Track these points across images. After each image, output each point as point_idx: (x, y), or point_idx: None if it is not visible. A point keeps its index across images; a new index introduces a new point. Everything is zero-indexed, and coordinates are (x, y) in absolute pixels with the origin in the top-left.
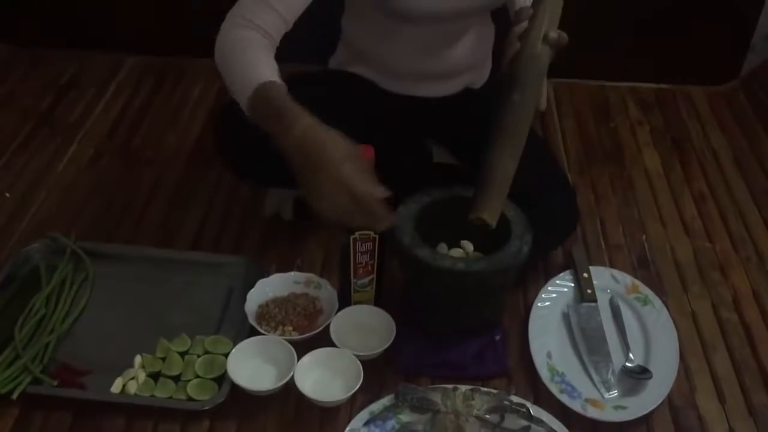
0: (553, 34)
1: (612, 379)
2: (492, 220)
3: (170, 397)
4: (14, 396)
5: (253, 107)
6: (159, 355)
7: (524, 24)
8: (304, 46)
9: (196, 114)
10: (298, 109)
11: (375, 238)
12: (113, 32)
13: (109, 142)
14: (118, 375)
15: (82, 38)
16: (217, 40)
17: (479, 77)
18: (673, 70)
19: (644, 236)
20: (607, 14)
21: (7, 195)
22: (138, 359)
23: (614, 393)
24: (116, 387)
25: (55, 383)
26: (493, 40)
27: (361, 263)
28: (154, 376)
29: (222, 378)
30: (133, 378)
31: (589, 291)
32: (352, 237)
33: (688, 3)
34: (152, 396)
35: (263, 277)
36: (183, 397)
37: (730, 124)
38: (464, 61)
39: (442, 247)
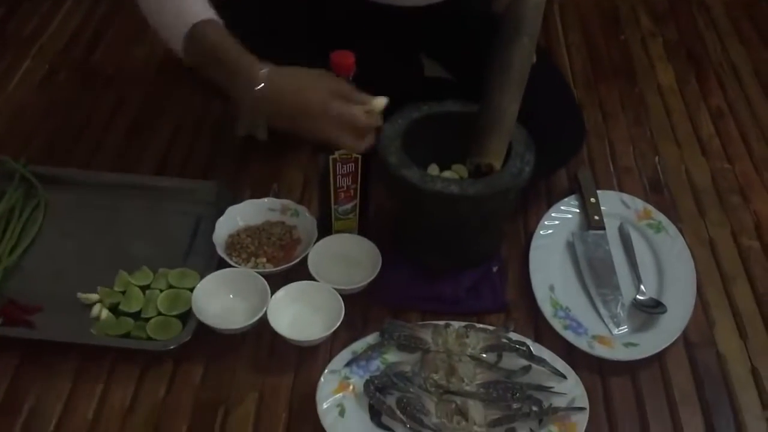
0: None
1: (622, 314)
2: (499, 164)
3: (128, 334)
4: None
5: (190, 53)
6: (118, 288)
7: None
8: None
9: None
10: (245, 55)
11: (357, 158)
12: None
13: (66, 57)
14: (71, 312)
15: None
16: None
17: None
18: None
19: (657, 157)
20: None
21: None
22: (95, 294)
23: (624, 329)
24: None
25: (0, 321)
26: None
27: (343, 187)
28: (112, 310)
29: (187, 315)
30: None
31: (596, 217)
32: (331, 157)
33: None
34: (108, 335)
35: (235, 204)
36: (143, 336)
37: (750, 35)
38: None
39: (434, 169)
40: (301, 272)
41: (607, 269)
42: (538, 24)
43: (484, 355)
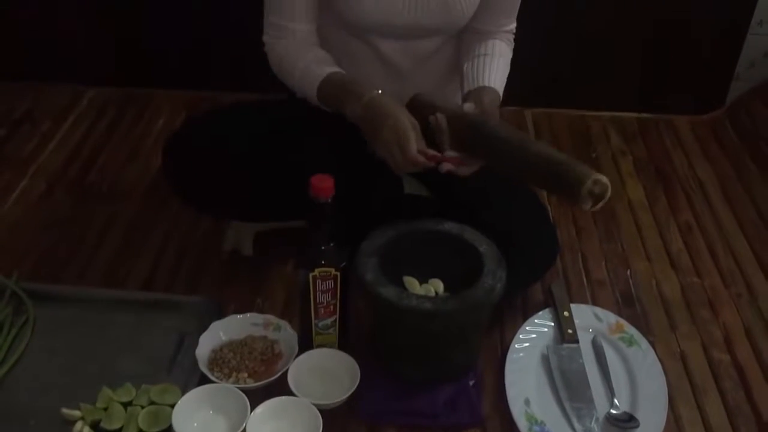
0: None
1: (596, 428)
2: (594, 177)
3: None
4: None
5: (322, 99)
6: (100, 405)
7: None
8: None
9: (158, 147)
10: (362, 85)
11: (336, 275)
12: (74, 63)
13: (63, 176)
14: (54, 429)
15: (40, 70)
16: (270, 64)
17: None
18: (656, 100)
19: (629, 271)
20: (588, 42)
21: None
22: (78, 411)
23: None
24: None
25: None
26: None
27: (323, 303)
28: (94, 428)
29: None
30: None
31: (569, 331)
32: (311, 275)
33: (670, 32)
34: None
35: (219, 319)
36: None
37: (716, 153)
38: (435, 86)
39: (412, 282)
40: (281, 386)
41: (581, 382)
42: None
43: None
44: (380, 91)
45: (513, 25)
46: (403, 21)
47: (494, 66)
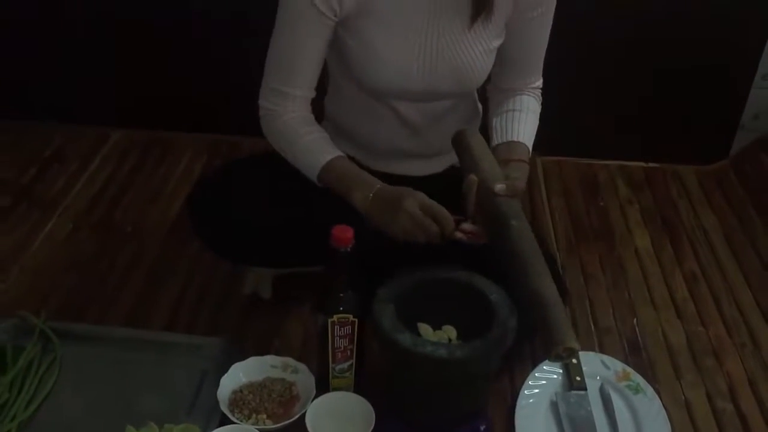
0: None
1: None
2: (578, 345)
3: None
4: None
5: (323, 183)
6: None
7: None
8: None
9: (180, 188)
10: (364, 176)
11: (354, 321)
12: (100, 105)
13: (89, 216)
14: None
15: (69, 111)
16: (265, 133)
17: None
18: (662, 150)
19: (635, 319)
20: (596, 92)
21: None
22: None
23: None
24: None
25: None
26: (480, 121)
27: (340, 347)
28: None
29: None
30: None
31: (578, 378)
32: (330, 320)
33: (677, 82)
34: None
35: (239, 360)
36: None
37: (720, 203)
38: (448, 141)
39: (426, 329)
40: (299, 428)
41: (589, 429)
42: (518, 206)
43: None
44: (379, 186)
45: (539, 82)
46: (417, 87)
47: (523, 121)
